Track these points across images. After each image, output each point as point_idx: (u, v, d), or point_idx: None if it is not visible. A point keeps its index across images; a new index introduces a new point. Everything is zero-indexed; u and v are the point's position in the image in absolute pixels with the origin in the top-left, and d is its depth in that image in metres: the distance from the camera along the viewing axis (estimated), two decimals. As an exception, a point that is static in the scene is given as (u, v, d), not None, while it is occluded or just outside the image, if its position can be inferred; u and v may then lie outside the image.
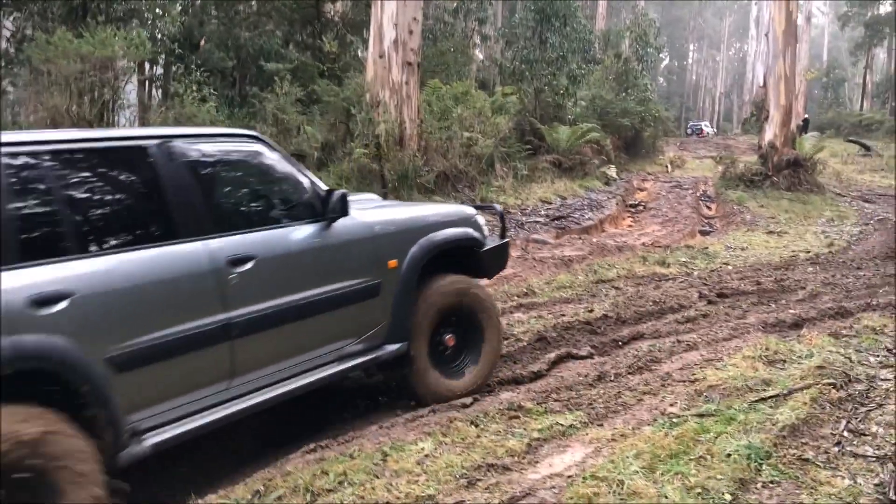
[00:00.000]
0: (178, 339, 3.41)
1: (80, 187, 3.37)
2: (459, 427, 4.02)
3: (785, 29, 17.26)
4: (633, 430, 3.95)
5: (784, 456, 3.57)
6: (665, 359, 5.47)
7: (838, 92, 58.53)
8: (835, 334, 5.99)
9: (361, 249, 4.37)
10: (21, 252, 3.01)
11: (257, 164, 4.20)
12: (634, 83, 24.69)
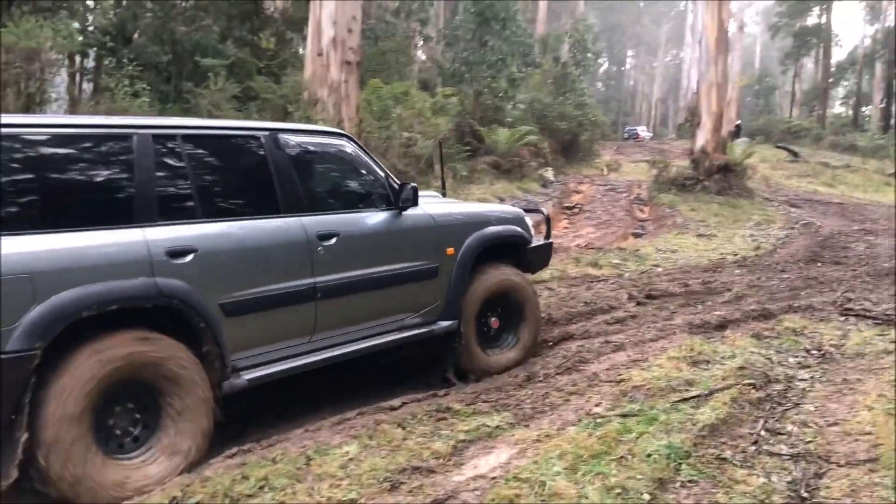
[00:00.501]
0: (275, 295, 4.14)
1: (204, 164, 4.19)
2: (386, 429, 4.00)
3: (717, 37, 17.72)
4: (559, 430, 4.00)
5: (703, 455, 3.65)
6: (593, 359, 5.55)
7: (769, 99, 60.38)
8: (757, 335, 6.18)
9: (425, 236, 5.08)
10: (160, 213, 3.79)
11: (343, 157, 4.98)
12: (572, 87, 25.04)
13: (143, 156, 3.80)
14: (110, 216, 3.68)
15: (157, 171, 3.85)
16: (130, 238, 3.65)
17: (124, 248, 3.61)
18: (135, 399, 3.62)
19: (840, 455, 3.77)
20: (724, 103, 18.88)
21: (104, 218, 3.66)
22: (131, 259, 3.60)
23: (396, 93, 17.35)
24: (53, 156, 3.62)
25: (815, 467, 3.64)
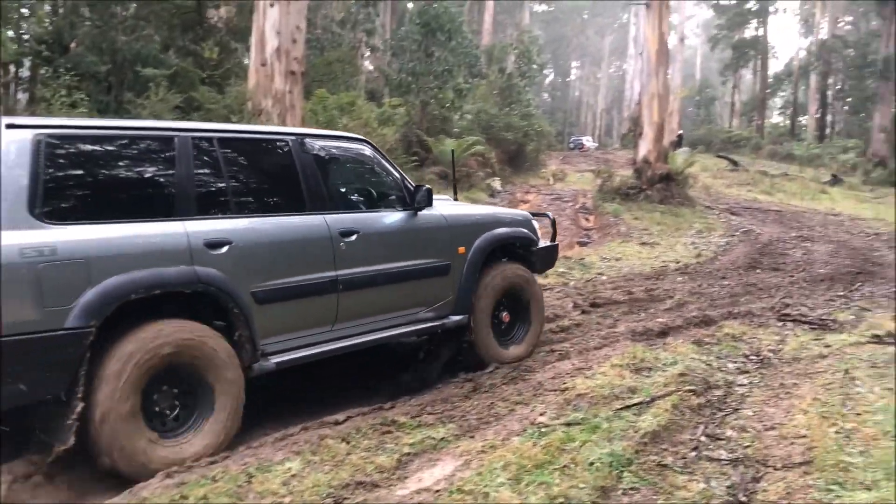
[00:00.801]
0: (301, 285, 4.49)
1: (238, 164, 4.59)
2: (330, 444, 3.95)
3: (658, 49, 18.09)
4: (503, 441, 4.00)
5: (644, 462, 3.69)
6: (538, 368, 5.59)
7: (710, 110, 61.87)
8: (698, 342, 6.29)
9: (438, 235, 5.45)
10: (198, 208, 4.16)
11: (363, 160, 5.43)
12: (518, 98, 25.25)
13: (183, 156, 4.20)
14: (155, 209, 4.08)
15: (196, 170, 4.25)
16: (173, 229, 4.01)
17: (167, 238, 3.97)
18: (175, 380, 3.94)
19: (777, 458, 3.85)
20: (666, 114, 19.26)
21: (150, 211, 4.06)
22: (173, 248, 3.96)
23: (342, 103, 17.27)
24: (105, 154, 4.03)
25: (752, 471, 3.72)
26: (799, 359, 5.85)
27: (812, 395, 4.80)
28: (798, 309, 7.82)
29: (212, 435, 3.99)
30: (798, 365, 5.67)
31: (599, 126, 76.83)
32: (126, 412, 3.63)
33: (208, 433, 3.98)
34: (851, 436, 4.06)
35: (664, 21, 18.13)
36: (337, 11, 25.70)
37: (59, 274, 3.53)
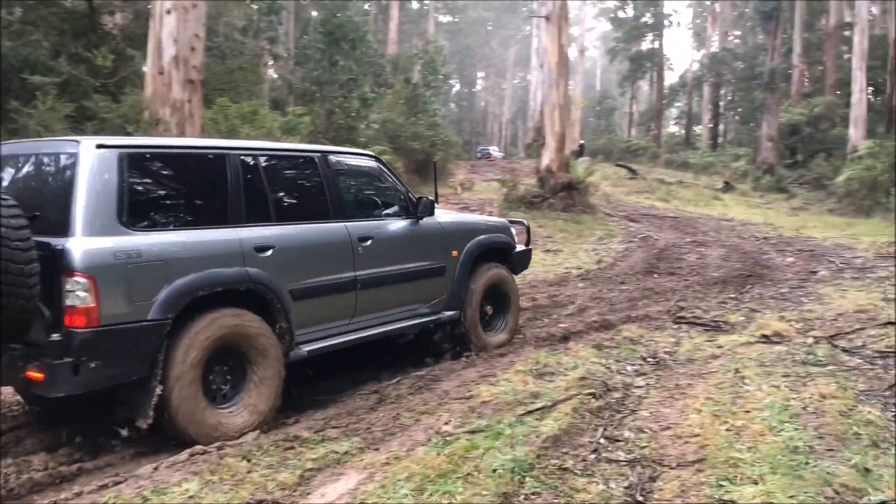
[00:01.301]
0: (328, 284, 5.20)
1: (276, 178, 5.28)
2: (230, 463, 3.84)
3: (558, 61, 18.53)
4: (408, 451, 3.99)
5: (546, 467, 3.75)
6: (444, 377, 5.62)
7: (609, 120, 63.79)
8: (598, 346, 6.46)
9: (436, 241, 6.23)
10: (247, 217, 4.78)
11: (375, 175, 6.12)
12: (424, 108, 25.35)
13: (234, 172, 4.81)
14: (214, 218, 4.68)
15: (244, 183, 4.86)
16: (229, 236, 4.64)
17: (225, 243, 4.59)
18: (229, 362, 4.56)
19: (672, 457, 3.99)
20: (567, 124, 19.76)
21: (210, 219, 4.67)
22: (230, 252, 4.58)
23: (245, 112, 16.95)
24: (173, 169, 4.69)
25: (649, 471, 3.83)
26: (693, 360, 6.09)
27: (705, 394, 4.99)
28: (692, 311, 8.14)
29: (256, 411, 4.60)
30: (692, 366, 5.90)
31: (505, 136, 78.11)
32: (192, 388, 4.25)
33: (252, 409, 4.59)
34: (741, 433, 4.24)
35: (563, 34, 18.59)
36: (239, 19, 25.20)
37: (144, 274, 4.14)
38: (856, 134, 28.35)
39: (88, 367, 3.91)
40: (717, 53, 49.49)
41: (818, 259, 12.13)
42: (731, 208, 23.09)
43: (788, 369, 5.56)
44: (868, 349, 6.23)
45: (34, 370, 3.94)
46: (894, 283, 9.35)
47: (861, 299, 8.30)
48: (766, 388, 5.05)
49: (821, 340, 6.47)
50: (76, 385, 3.93)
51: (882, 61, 32.33)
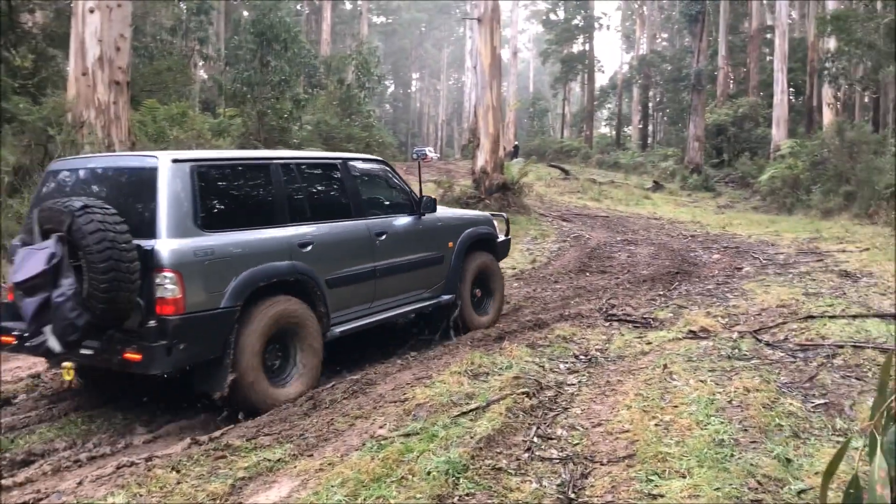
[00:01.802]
0: (353, 274, 6.03)
1: (311, 183, 6.16)
2: (158, 475, 3.75)
3: (491, 63, 18.66)
4: (342, 457, 3.97)
5: (480, 467, 3.78)
6: (380, 380, 5.59)
7: (543, 121, 64.58)
8: (532, 345, 6.53)
9: (435, 234, 7.09)
10: (290, 217, 5.58)
11: (385, 177, 7.01)
12: (358, 109, 25.26)
13: (277, 178, 5.64)
14: (266, 219, 5.46)
15: (287, 188, 5.69)
16: (278, 234, 5.44)
17: (277, 241, 5.40)
18: (279, 343, 5.31)
19: (603, 454, 4.06)
20: (501, 125, 19.92)
21: (268, 221, 5.46)
22: (280, 249, 5.38)
23: (173, 114, 16.58)
24: (233, 177, 5.51)
25: (581, 468, 3.90)
26: (623, 356, 6.21)
27: (635, 390, 5.10)
28: (623, 309, 8.31)
29: (301, 383, 5.38)
30: (622, 362, 6.02)
31: (441, 137, 78.31)
32: (255, 365, 4.99)
33: (299, 381, 5.37)
34: (669, 427, 4.35)
35: (496, 35, 18.74)
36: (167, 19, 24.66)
37: (217, 269, 4.86)
38: (778, 133, 29.39)
39: (178, 348, 4.60)
40: (645, 56, 50.61)
41: (743, 256, 12.52)
42: (660, 207, 23.62)
43: (714, 364, 5.73)
44: (790, 343, 6.46)
45: (132, 352, 4.53)
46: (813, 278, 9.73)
47: (783, 294, 8.60)
48: (693, 383, 5.19)
49: (745, 335, 6.68)
50: (169, 364, 4.60)
51: (802, 63, 33.63)
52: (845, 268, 10.47)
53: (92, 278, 4.36)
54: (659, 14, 56.40)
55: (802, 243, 13.75)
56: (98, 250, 4.34)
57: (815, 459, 3.90)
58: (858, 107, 33.66)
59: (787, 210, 21.13)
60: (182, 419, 5.13)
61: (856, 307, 7.72)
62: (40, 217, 4.66)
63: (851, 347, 6.06)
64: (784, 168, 22.65)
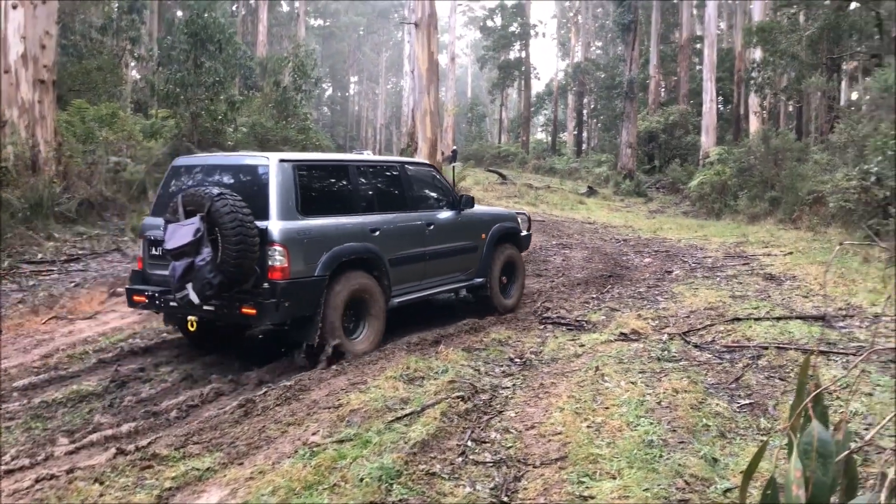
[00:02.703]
0: (409, 255, 7.32)
1: (379, 181, 7.54)
2: (80, 487, 3.63)
3: (428, 67, 18.70)
4: (274, 465, 3.91)
5: (414, 473, 3.77)
6: (313, 387, 5.53)
7: (481, 126, 64.92)
8: (468, 349, 6.57)
9: (471, 226, 8.37)
10: (363, 208, 6.93)
11: (431, 178, 8.42)
12: (295, 112, 24.92)
13: (354, 177, 7.09)
14: (347, 209, 6.84)
15: (360, 185, 7.13)
16: (358, 221, 6.80)
17: (354, 226, 6.73)
18: (353, 308, 6.59)
19: (536, 456, 4.10)
20: (439, 130, 19.94)
21: (347, 210, 6.83)
22: (357, 232, 6.71)
23: (103, 114, 16.13)
24: (322, 174, 6.97)
25: (514, 471, 3.93)
26: (557, 359, 6.29)
27: (567, 392, 5.17)
28: (557, 312, 8.42)
29: (369, 342, 6.65)
30: (556, 365, 6.10)
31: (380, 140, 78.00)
32: (337, 323, 6.28)
33: (367, 340, 6.65)
34: (601, 429, 4.43)
35: (433, 41, 18.79)
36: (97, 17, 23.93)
37: (312, 246, 6.17)
38: (707, 141, 30.21)
39: (284, 305, 5.89)
40: (580, 63, 51.41)
41: (673, 259, 12.82)
42: (594, 212, 24.00)
43: (645, 365, 5.85)
44: (717, 344, 6.64)
45: (248, 308, 5.80)
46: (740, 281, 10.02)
47: (711, 297, 8.84)
48: (624, 385, 5.29)
49: (674, 337, 6.85)
50: (276, 317, 5.94)
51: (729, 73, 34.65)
52: (770, 271, 10.82)
53: (225, 249, 5.62)
54: (593, 23, 57.40)
55: (730, 247, 14.15)
56: (231, 227, 5.62)
57: (740, 459, 4.01)
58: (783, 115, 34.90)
59: (715, 215, 21.72)
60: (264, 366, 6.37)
61: (779, 309, 7.99)
62: (184, 200, 5.90)
63: (775, 349, 6.27)
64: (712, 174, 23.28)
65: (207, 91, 19.24)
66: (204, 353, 6.80)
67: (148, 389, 5.72)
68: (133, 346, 6.89)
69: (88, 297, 8.87)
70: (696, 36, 40.59)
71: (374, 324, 6.70)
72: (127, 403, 5.34)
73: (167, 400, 5.44)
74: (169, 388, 5.73)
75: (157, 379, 5.98)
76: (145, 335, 7.30)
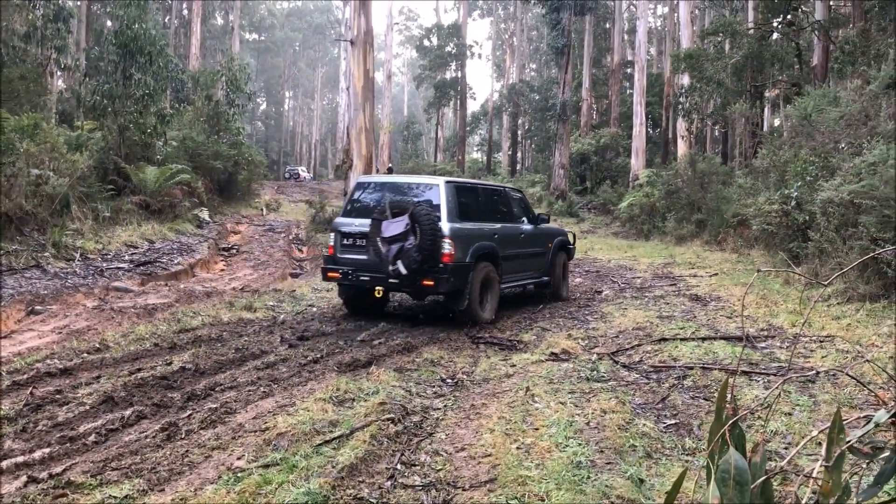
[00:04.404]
0: (512, 254, 9.96)
1: (497, 200, 10.51)
2: (-13, 518, 3.45)
3: (364, 85, 18.68)
4: (196, 491, 3.79)
5: (341, 498, 3.70)
6: (240, 409, 5.39)
7: (417, 144, 65.09)
8: (400, 369, 6.51)
9: (544, 237, 11.04)
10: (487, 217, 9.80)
11: (520, 200, 11.27)
12: (227, 126, 24.56)
13: (483, 195, 10.04)
14: (481, 217, 9.53)
15: (487, 201, 10.03)
16: (486, 226, 9.45)
17: (486, 230, 9.39)
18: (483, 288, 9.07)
19: (465, 479, 4.08)
20: (374, 147, 19.92)
21: (480, 218, 9.48)
22: (487, 234, 9.32)
23: (24, 125, 15.55)
24: (467, 192, 9.58)
25: (443, 494, 3.90)
26: (489, 379, 6.30)
27: (498, 413, 5.17)
28: (490, 331, 8.45)
29: (489, 312, 9.20)
30: (487, 385, 6.10)
31: (315, 156, 77.45)
32: (475, 296, 8.84)
33: (489, 310, 9.21)
34: (530, 450, 4.44)
35: (369, 58, 18.78)
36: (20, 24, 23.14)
37: (465, 241, 8.73)
38: (637, 163, 30.96)
39: (450, 280, 8.49)
40: (515, 85, 52.20)
41: (603, 279, 13.05)
42: (529, 231, 24.25)
43: (574, 386, 5.91)
44: (644, 364, 6.76)
45: (428, 280, 8.41)
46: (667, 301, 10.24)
47: (639, 317, 9.01)
48: (553, 405, 5.32)
49: (603, 357, 6.94)
50: (446, 287, 8.51)
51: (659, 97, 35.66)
52: (696, 292, 11.11)
53: (422, 238, 8.27)
54: (528, 45, 58.39)
55: (658, 268, 14.48)
56: (427, 223, 8.29)
57: (665, 479, 4.07)
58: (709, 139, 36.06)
59: (644, 236, 22.23)
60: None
61: (705, 330, 8.20)
62: (391, 205, 8.59)
63: (700, 369, 6.41)
64: (642, 196, 23.86)
65: (136, 104, 18.81)
66: (180, 351, 6.60)
67: (65, 413, 5.45)
68: (50, 366, 6.54)
69: (4, 315, 8.50)
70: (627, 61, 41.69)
71: (493, 300, 9.29)
72: (41, 428, 5.09)
73: (85, 424, 5.20)
74: (87, 412, 5.46)
75: (76, 401, 5.69)
76: (64, 355, 6.98)
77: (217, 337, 7.95)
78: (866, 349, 7.05)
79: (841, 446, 1.60)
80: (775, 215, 12.51)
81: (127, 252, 14.08)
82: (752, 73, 22.59)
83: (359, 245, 8.94)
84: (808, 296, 9.32)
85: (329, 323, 8.96)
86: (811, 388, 5.83)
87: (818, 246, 10.27)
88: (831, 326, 7.98)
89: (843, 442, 1.61)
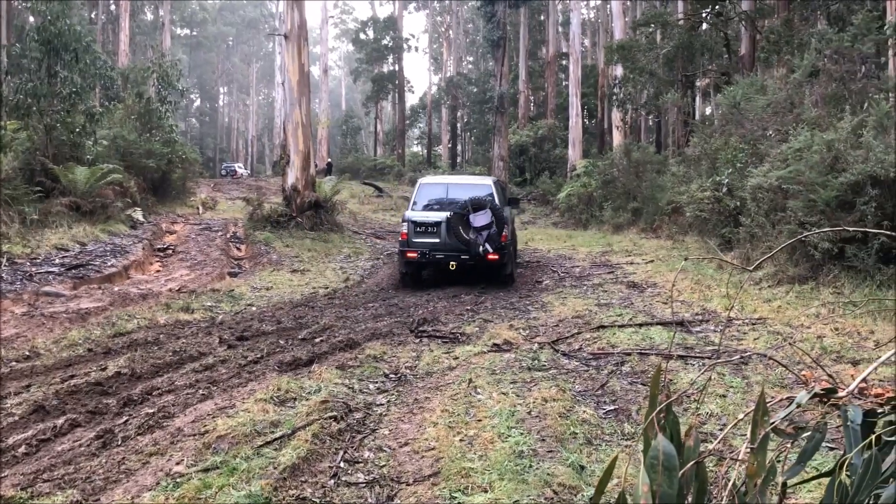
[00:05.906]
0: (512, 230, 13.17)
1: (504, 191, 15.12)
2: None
3: (299, 79, 18.44)
4: (133, 499, 3.71)
5: (284, 499, 3.67)
6: (178, 413, 5.28)
7: (356, 139, 64.74)
8: (342, 366, 6.47)
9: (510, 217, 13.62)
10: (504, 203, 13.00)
11: (503, 188, 16.50)
12: (159, 124, 23.96)
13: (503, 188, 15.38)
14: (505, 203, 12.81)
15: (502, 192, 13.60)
16: (507, 211, 12.56)
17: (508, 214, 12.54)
18: None
19: (409, 474, 4.08)
20: (311, 142, 19.67)
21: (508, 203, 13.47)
22: (511, 216, 13.13)
23: (-59, 126, 14.92)
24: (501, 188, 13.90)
25: (387, 490, 3.89)
26: (432, 373, 6.31)
27: (441, 407, 5.19)
28: (433, 325, 8.46)
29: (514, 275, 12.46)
30: (430, 379, 6.11)
31: (252, 153, 76.22)
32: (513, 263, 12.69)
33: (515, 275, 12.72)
34: (473, 442, 4.46)
35: (303, 52, 18.55)
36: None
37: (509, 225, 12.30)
38: (574, 154, 31.36)
39: (507, 253, 11.42)
40: (452, 77, 52.25)
41: (543, 269, 13.20)
42: (470, 224, 24.34)
43: (516, 376, 5.97)
44: (584, 352, 6.87)
45: (493, 255, 11.05)
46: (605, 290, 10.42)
47: (578, 306, 9.14)
48: (496, 396, 5.36)
49: (544, 346, 7.02)
50: (506, 259, 11.36)
51: (594, 88, 36.15)
52: (633, 279, 11.32)
53: (499, 225, 10.97)
54: (464, 38, 58.49)
55: (596, 256, 14.72)
56: (500, 215, 11.05)
57: (605, 465, 4.14)
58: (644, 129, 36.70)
59: (582, 225, 22.54)
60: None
61: (642, 316, 8.36)
62: (471, 202, 11.11)
63: (638, 354, 6.54)
64: (579, 186, 24.17)
65: (63, 102, 18.20)
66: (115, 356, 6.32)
67: (-7, 424, 5.29)
68: (-23, 377, 6.33)
69: (-74, 325, 8.14)
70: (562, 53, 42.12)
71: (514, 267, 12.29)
72: (-31, 441, 4.92)
73: (14, 435, 5.03)
74: (17, 422, 5.28)
75: (4, 412, 5.51)
76: (-9, 365, 6.75)
77: (153, 340, 7.78)
78: (796, 330, 7.30)
79: (765, 428, 1.65)
80: (707, 202, 12.83)
81: (57, 255, 13.63)
82: (683, 63, 23.08)
83: (429, 231, 11.45)
84: (739, 280, 9.59)
85: (269, 322, 8.84)
86: (744, 369, 6.00)
87: (749, 231, 10.57)
88: (763, 309, 8.23)
89: (767, 424, 1.66)
